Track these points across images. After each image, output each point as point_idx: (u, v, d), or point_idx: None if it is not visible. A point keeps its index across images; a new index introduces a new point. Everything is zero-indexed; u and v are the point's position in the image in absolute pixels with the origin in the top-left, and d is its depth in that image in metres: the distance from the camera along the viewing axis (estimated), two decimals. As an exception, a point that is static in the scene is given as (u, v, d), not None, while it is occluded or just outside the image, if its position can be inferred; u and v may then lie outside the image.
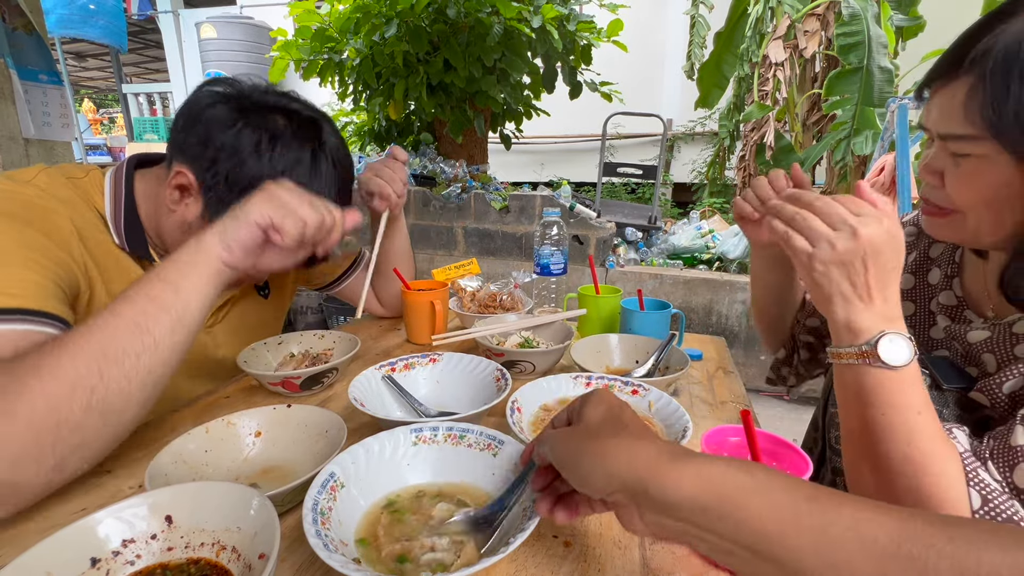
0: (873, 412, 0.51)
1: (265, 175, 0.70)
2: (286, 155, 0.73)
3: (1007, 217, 0.54)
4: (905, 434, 0.49)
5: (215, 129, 0.71)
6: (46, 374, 0.51)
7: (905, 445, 0.49)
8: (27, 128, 2.71)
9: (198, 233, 0.63)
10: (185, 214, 0.74)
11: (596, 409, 0.45)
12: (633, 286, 2.99)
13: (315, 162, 0.75)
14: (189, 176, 0.72)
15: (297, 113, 0.76)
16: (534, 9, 2.92)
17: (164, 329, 0.56)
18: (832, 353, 0.54)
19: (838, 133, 3.27)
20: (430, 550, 0.46)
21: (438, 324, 1.02)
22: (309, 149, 0.75)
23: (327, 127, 0.79)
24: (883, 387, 0.50)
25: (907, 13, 3.30)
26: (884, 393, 0.50)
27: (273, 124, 0.73)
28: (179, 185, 0.73)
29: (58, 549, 0.40)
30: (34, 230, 0.64)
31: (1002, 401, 0.56)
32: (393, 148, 1.03)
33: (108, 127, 9.83)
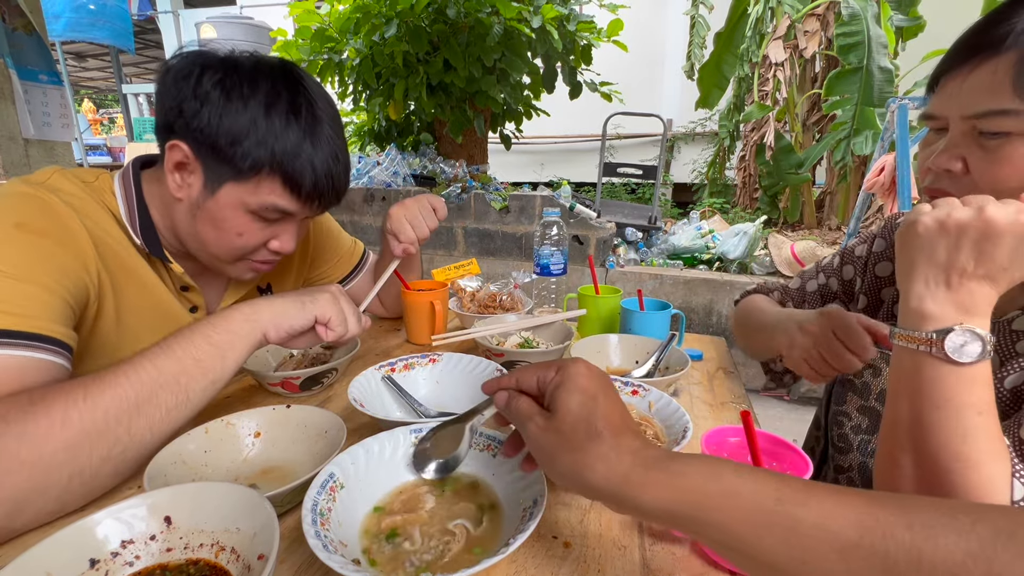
0: (927, 406, 0.47)
1: (247, 112, 0.67)
2: (259, 89, 0.69)
3: None
4: (961, 433, 0.45)
5: (182, 85, 0.68)
6: (75, 424, 0.50)
7: (960, 443, 0.45)
8: (27, 128, 2.71)
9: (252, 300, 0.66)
10: (191, 193, 0.72)
11: (571, 398, 0.43)
12: (633, 286, 2.99)
13: (294, 95, 0.71)
14: (182, 147, 0.69)
15: (260, 57, 0.73)
16: (534, 9, 2.92)
17: (199, 388, 0.59)
18: (896, 334, 0.50)
19: (838, 133, 3.27)
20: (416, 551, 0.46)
21: (438, 324, 1.02)
22: (282, 81, 0.71)
23: (296, 68, 0.76)
24: (944, 382, 0.46)
25: (907, 13, 3.30)
26: (944, 388, 0.46)
27: (236, 65, 0.70)
28: (176, 164, 0.71)
29: (57, 550, 0.40)
30: (49, 241, 0.63)
31: (1004, 396, 0.56)
32: (436, 201, 0.98)
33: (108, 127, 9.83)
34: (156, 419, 0.55)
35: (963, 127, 0.54)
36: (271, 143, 0.68)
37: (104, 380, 0.54)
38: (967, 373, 0.45)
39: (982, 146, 0.53)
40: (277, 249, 0.78)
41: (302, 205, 0.74)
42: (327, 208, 0.79)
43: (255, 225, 0.74)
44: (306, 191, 0.72)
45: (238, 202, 0.71)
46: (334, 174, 0.74)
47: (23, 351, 0.56)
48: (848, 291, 0.89)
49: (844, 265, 0.90)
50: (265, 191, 0.71)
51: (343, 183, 0.77)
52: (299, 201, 0.73)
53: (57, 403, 0.51)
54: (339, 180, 0.76)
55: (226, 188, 0.70)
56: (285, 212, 0.74)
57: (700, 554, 0.49)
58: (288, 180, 0.71)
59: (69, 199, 0.68)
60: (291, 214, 0.75)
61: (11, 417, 0.49)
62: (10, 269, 0.58)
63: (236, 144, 0.67)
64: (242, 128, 0.67)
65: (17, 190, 0.66)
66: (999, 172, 0.52)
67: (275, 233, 0.76)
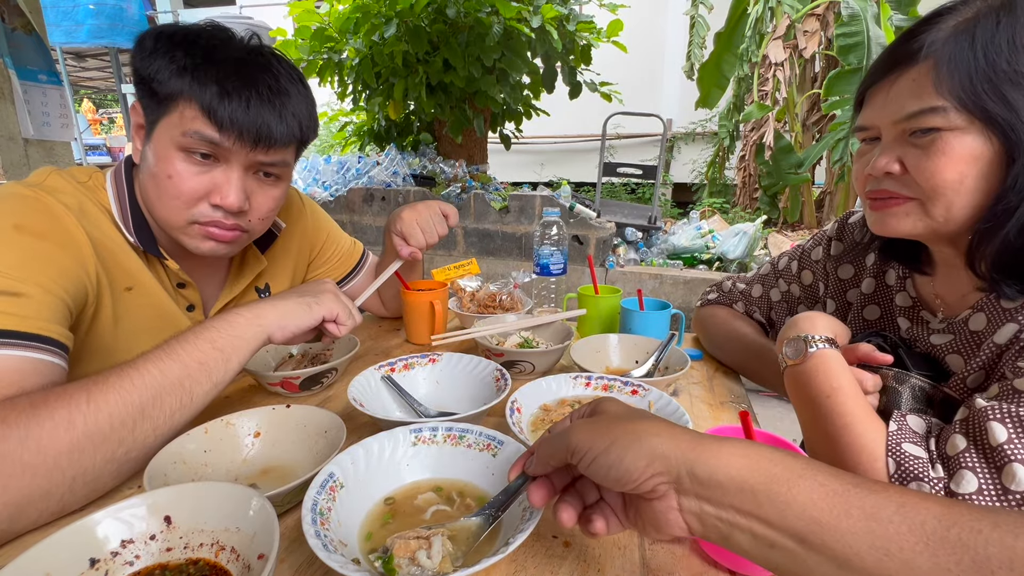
0: (799, 406, 0.63)
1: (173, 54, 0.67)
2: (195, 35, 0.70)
3: (975, 198, 0.56)
4: (822, 416, 0.58)
5: (139, 53, 0.69)
6: (79, 427, 0.51)
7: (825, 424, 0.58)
8: (26, 128, 2.71)
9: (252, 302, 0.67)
10: (143, 151, 0.72)
11: (614, 405, 0.44)
12: (633, 286, 2.99)
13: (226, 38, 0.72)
14: (137, 107, 0.71)
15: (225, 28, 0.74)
16: (534, 9, 2.92)
17: (202, 391, 0.59)
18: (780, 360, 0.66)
19: (837, 133, 3.27)
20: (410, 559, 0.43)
21: (437, 324, 1.02)
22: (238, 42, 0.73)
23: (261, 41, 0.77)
24: (795, 382, 0.63)
25: (907, 13, 3.30)
26: (796, 388, 0.63)
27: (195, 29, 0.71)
28: (136, 127, 0.72)
29: (57, 550, 0.40)
30: (48, 242, 0.64)
31: (968, 395, 0.60)
32: (448, 209, 0.99)
33: (108, 127, 9.82)
34: (160, 421, 0.56)
35: (895, 132, 0.60)
36: (188, 70, 0.67)
37: (108, 383, 0.54)
38: (803, 369, 0.61)
39: (916, 145, 0.58)
40: (218, 203, 0.71)
41: (225, 136, 0.68)
42: (261, 149, 0.71)
43: (188, 167, 0.69)
44: (225, 117, 0.67)
45: (168, 139, 0.69)
46: (262, 109, 0.70)
47: (22, 351, 0.56)
48: (811, 296, 0.91)
49: (802, 270, 0.91)
50: (187, 118, 0.67)
51: (275, 121, 0.71)
52: (219, 130, 0.68)
53: (60, 407, 0.51)
54: (267, 115, 0.70)
55: (158, 128, 0.69)
56: (211, 143, 0.68)
57: (700, 554, 0.49)
58: (205, 105, 0.67)
59: (67, 200, 0.69)
60: (222, 150, 0.69)
61: (12, 420, 0.49)
62: (9, 270, 0.58)
63: (158, 73, 0.67)
64: (164, 60, 0.67)
65: (15, 192, 0.66)
66: (936, 165, 0.56)
67: (213, 182, 0.71)
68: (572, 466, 0.44)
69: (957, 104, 0.54)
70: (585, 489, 0.44)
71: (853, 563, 0.31)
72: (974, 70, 0.53)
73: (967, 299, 0.64)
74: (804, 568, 0.32)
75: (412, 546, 0.43)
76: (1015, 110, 0.52)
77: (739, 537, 0.34)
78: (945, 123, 0.55)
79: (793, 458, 0.35)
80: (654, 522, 0.38)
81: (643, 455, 0.36)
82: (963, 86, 0.53)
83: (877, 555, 0.30)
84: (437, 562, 0.42)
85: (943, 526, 0.30)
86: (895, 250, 0.72)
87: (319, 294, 0.71)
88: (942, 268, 0.68)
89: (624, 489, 0.38)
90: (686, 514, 0.36)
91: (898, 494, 0.32)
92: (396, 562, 0.42)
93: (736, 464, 0.34)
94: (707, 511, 0.35)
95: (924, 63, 0.56)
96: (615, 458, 0.37)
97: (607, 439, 0.38)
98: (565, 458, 0.41)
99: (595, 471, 0.38)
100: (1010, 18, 0.52)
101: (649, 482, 0.36)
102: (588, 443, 0.39)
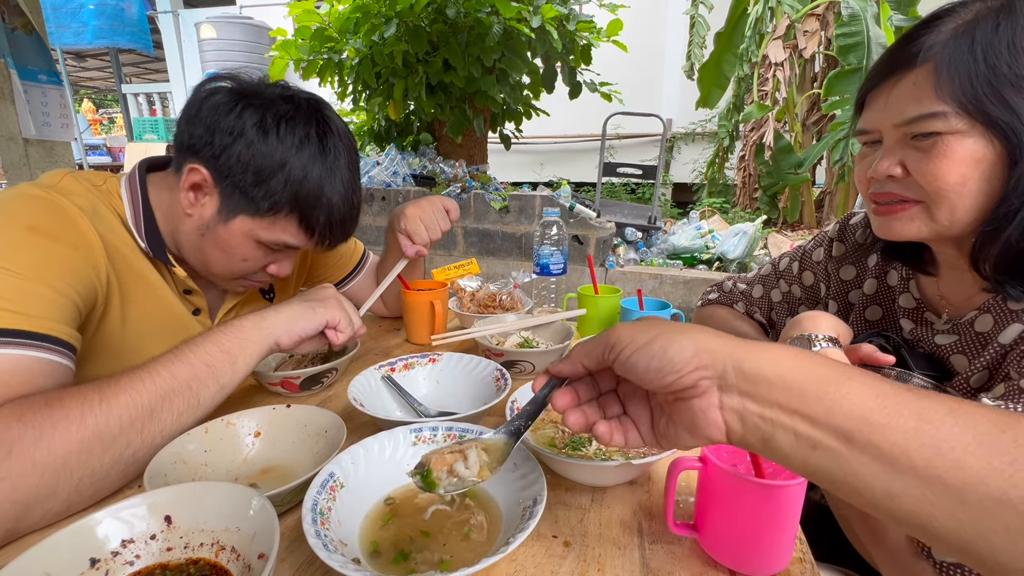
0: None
1: (278, 154, 0.70)
2: (294, 132, 0.71)
3: (978, 200, 0.56)
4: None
5: (219, 116, 0.70)
6: (90, 427, 0.51)
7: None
8: (27, 128, 2.71)
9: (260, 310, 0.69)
10: (202, 214, 0.74)
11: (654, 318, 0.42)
12: (633, 286, 2.99)
13: (323, 138, 0.74)
14: (203, 172, 0.71)
15: (295, 95, 0.75)
16: (534, 9, 2.92)
17: (210, 393, 0.60)
18: None
19: (837, 133, 3.27)
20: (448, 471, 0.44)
21: (438, 324, 1.02)
22: (314, 124, 0.74)
23: (326, 107, 0.78)
24: None
25: (907, 13, 3.30)
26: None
27: (274, 104, 0.72)
28: (193, 184, 0.72)
29: (57, 550, 0.40)
30: (61, 244, 0.64)
31: (971, 395, 0.60)
32: (449, 204, 1.00)
33: (108, 127, 9.83)
34: (168, 423, 0.57)
35: (896, 135, 0.60)
36: (295, 187, 0.71)
37: (120, 385, 0.55)
38: None
39: (917, 148, 0.58)
40: (275, 273, 0.81)
41: (312, 243, 0.78)
42: (334, 247, 0.82)
43: (260, 253, 0.77)
44: (319, 231, 0.76)
45: (249, 233, 0.74)
46: (347, 217, 0.78)
47: (32, 351, 0.56)
48: (812, 297, 0.91)
49: (803, 271, 0.91)
50: (279, 229, 0.74)
51: (352, 224, 0.81)
52: (310, 240, 0.77)
53: (74, 406, 0.52)
54: (350, 221, 0.80)
55: (240, 219, 0.73)
56: (293, 247, 0.78)
57: (700, 554, 0.49)
58: (304, 221, 0.74)
59: (80, 202, 0.69)
60: (298, 248, 0.79)
61: (28, 419, 0.49)
62: (22, 270, 0.59)
63: (261, 183, 0.70)
64: (270, 168, 0.70)
65: (30, 193, 0.66)
66: (938, 169, 0.56)
67: (276, 259, 0.80)
68: (598, 380, 0.45)
69: (958, 108, 0.54)
70: (607, 404, 0.44)
71: (901, 462, 0.29)
72: (974, 74, 0.53)
73: (973, 300, 0.63)
74: (847, 469, 0.31)
75: (448, 459, 0.43)
76: (1016, 113, 0.52)
77: (780, 438, 0.33)
78: (946, 127, 0.55)
79: (843, 364, 0.34)
80: (690, 424, 0.37)
81: (688, 346, 0.35)
82: (964, 90, 0.53)
83: (927, 454, 0.29)
84: (476, 471, 0.43)
85: (997, 428, 0.29)
86: (899, 251, 0.72)
87: (323, 300, 0.73)
88: (946, 269, 0.68)
89: (664, 382, 0.36)
90: (727, 412, 0.35)
91: (950, 400, 0.31)
92: (435, 475, 0.42)
93: (785, 362, 0.33)
94: (750, 409, 0.34)
95: (924, 67, 0.56)
96: (659, 348, 0.36)
97: (651, 333, 0.37)
98: (601, 354, 0.40)
99: (635, 362, 0.37)
100: (1009, 21, 0.52)
101: (692, 375, 0.35)
102: (629, 336, 0.38)
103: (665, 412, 0.40)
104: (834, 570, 0.72)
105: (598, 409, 0.43)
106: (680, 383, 0.35)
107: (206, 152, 0.70)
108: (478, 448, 0.44)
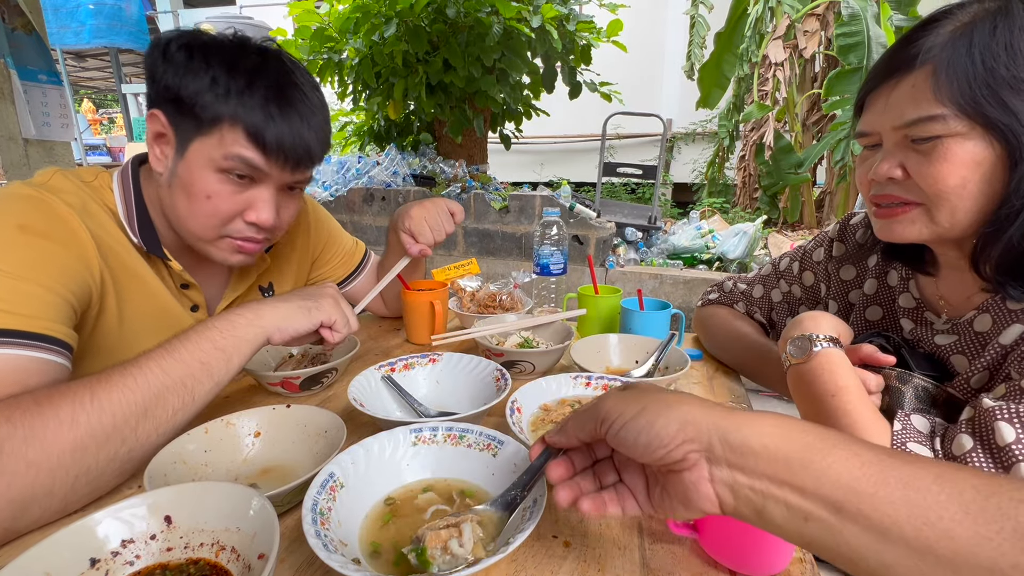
0: (802, 405, 0.65)
1: (214, 65, 0.68)
2: (229, 48, 0.70)
3: (979, 202, 0.56)
4: (826, 415, 0.59)
5: (158, 54, 0.69)
6: (82, 426, 0.51)
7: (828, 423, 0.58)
8: (27, 128, 2.71)
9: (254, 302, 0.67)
10: (168, 165, 0.72)
11: (644, 385, 0.43)
12: (633, 286, 2.99)
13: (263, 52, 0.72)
14: (157, 115, 0.70)
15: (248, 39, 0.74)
16: (534, 9, 2.92)
17: (204, 390, 0.60)
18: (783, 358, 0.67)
19: (838, 133, 3.27)
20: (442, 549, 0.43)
21: (438, 324, 1.02)
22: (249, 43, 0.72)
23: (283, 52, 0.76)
24: (800, 379, 0.64)
25: (907, 13, 3.30)
26: (801, 385, 0.64)
27: (203, 35, 0.71)
28: (156, 135, 0.71)
29: (57, 549, 0.40)
30: (52, 242, 0.64)
31: (972, 395, 0.60)
32: (454, 206, 1.00)
33: (108, 127, 9.83)
34: (162, 420, 0.56)
35: (895, 138, 0.60)
36: (233, 95, 0.68)
37: (111, 382, 0.54)
38: (808, 368, 0.62)
39: (917, 151, 0.58)
40: (254, 220, 0.74)
41: (269, 161, 0.71)
42: (300, 170, 0.75)
43: (225, 187, 0.71)
44: (271, 142, 0.69)
45: (205, 160, 0.69)
46: (303, 131, 0.72)
47: (25, 351, 0.56)
48: (812, 297, 0.91)
49: (804, 271, 0.91)
50: (229, 142, 0.69)
51: (314, 142, 0.74)
52: (264, 154, 0.70)
53: (64, 405, 0.51)
54: (308, 137, 0.72)
55: (194, 146, 0.69)
56: (253, 167, 0.70)
57: (700, 554, 0.49)
58: (250, 130, 0.68)
59: (71, 200, 0.69)
60: (262, 173, 0.72)
61: (17, 419, 0.49)
62: (13, 270, 0.59)
63: (198, 95, 0.67)
64: (204, 82, 0.67)
65: (19, 192, 0.66)
66: (938, 171, 0.56)
67: (249, 201, 0.73)
68: (592, 449, 0.45)
69: (957, 111, 0.54)
70: (603, 472, 0.44)
71: (892, 533, 0.30)
72: (972, 76, 0.53)
73: (972, 300, 0.64)
74: (840, 540, 0.31)
75: (443, 536, 0.43)
76: (1015, 115, 0.52)
77: (773, 509, 0.33)
78: (945, 130, 0.55)
79: (825, 429, 0.34)
80: (683, 496, 0.37)
81: (674, 420, 0.36)
82: (962, 93, 0.53)
83: (916, 524, 0.29)
84: (470, 548, 0.42)
85: (982, 495, 0.29)
86: (899, 252, 0.72)
87: (320, 299, 0.72)
88: (946, 270, 0.68)
89: (653, 456, 0.36)
90: (718, 485, 0.35)
91: (934, 465, 0.31)
92: (429, 553, 0.42)
93: (769, 432, 0.34)
94: (740, 481, 0.34)
95: (922, 69, 0.56)
96: (645, 423, 0.36)
97: (638, 406, 0.38)
98: (594, 427, 0.40)
99: (624, 436, 0.38)
100: (1007, 23, 0.52)
101: (680, 449, 0.35)
102: (619, 409, 0.39)
103: (659, 482, 0.40)
104: (834, 570, 0.72)
105: (593, 479, 0.44)
106: (669, 457, 0.36)
107: (155, 93, 0.70)
108: (473, 523, 0.44)
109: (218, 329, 0.62)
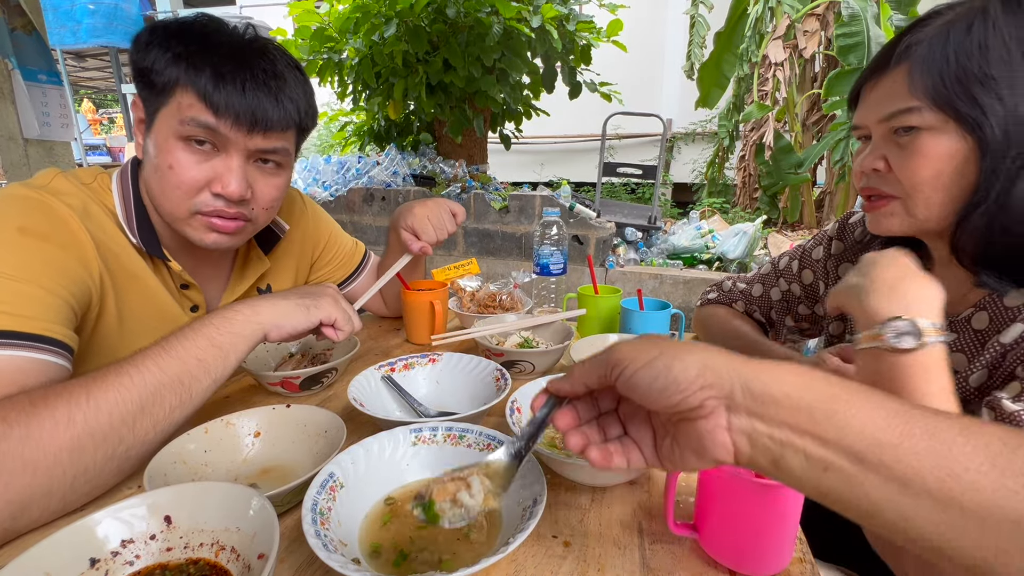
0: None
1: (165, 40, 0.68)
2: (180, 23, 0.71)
3: (952, 193, 0.58)
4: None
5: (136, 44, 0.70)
6: (79, 424, 0.51)
7: None
8: (27, 128, 2.71)
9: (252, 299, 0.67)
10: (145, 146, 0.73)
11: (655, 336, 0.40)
12: (633, 286, 2.99)
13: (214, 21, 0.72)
14: (138, 103, 0.72)
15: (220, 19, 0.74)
16: (534, 9, 2.92)
17: (202, 388, 0.59)
18: (855, 340, 0.54)
19: (837, 133, 3.27)
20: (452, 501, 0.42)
21: (437, 324, 1.02)
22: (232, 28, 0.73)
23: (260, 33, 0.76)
24: (898, 372, 0.50)
25: (907, 13, 3.30)
26: (898, 380, 0.50)
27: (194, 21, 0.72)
28: (138, 121, 0.73)
29: (57, 550, 0.40)
30: (52, 244, 0.64)
31: (971, 394, 0.61)
32: (456, 207, 1.01)
33: (108, 127, 9.83)
34: (160, 418, 0.56)
35: (881, 131, 0.63)
36: (184, 58, 0.67)
37: (107, 380, 0.54)
38: (914, 361, 0.49)
39: (898, 144, 0.61)
40: (219, 191, 0.71)
41: (221, 121, 0.68)
42: (260, 134, 0.71)
43: (188, 156, 0.69)
44: (220, 101, 0.67)
45: (168, 130, 0.69)
46: (259, 93, 0.69)
47: (23, 352, 0.56)
48: (810, 295, 0.91)
49: (803, 270, 0.92)
50: (185, 107, 0.68)
51: (272, 106, 0.71)
52: (215, 114, 0.68)
53: (60, 404, 0.51)
54: (265, 100, 0.70)
55: (158, 119, 0.70)
56: (209, 129, 0.68)
57: (700, 554, 0.49)
58: (201, 91, 0.67)
59: (72, 202, 0.69)
60: (221, 137, 0.69)
61: (13, 419, 0.49)
62: (12, 272, 0.59)
63: (155, 62, 0.68)
64: (162, 50, 0.68)
65: (19, 193, 0.66)
66: (913, 164, 0.59)
67: (215, 170, 0.71)
68: (598, 399, 0.43)
69: (931, 104, 0.57)
70: (607, 424, 0.43)
71: (914, 484, 0.29)
72: (945, 72, 0.56)
73: (968, 297, 0.64)
74: (859, 492, 0.30)
75: (451, 488, 0.41)
76: (983, 110, 0.54)
77: (791, 459, 0.32)
78: (921, 122, 0.58)
79: (848, 380, 0.33)
80: (696, 445, 0.35)
81: (693, 365, 0.34)
82: (935, 87, 0.56)
83: (940, 475, 0.28)
84: (481, 499, 0.41)
85: (1009, 448, 0.28)
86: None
87: (319, 297, 0.71)
88: (940, 267, 0.68)
89: (668, 402, 0.34)
90: (735, 434, 0.34)
91: (959, 418, 0.31)
92: (438, 507, 0.40)
93: (791, 380, 0.33)
94: (759, 429, 0.33)
95: (902, 65, 0.59)
96: (662, 367, 0.35)
97: (655, 350, 0.36)
98: (604, 372, 0.38)
99: (637, 382, 0.36)
100: (983, 23, 0.54)
101: (698, 395, 0.34)
102: (632, 355, 0.36)
103: (669, 433, 0.39)
104: (834, 570, 0.72)
105: (598, 430, 0.42)
106: (686, 403, 0.34)
107: (135, 83, 0.71)
108: (480, 475, 0.42)
109: (215, 326, 0.62)
